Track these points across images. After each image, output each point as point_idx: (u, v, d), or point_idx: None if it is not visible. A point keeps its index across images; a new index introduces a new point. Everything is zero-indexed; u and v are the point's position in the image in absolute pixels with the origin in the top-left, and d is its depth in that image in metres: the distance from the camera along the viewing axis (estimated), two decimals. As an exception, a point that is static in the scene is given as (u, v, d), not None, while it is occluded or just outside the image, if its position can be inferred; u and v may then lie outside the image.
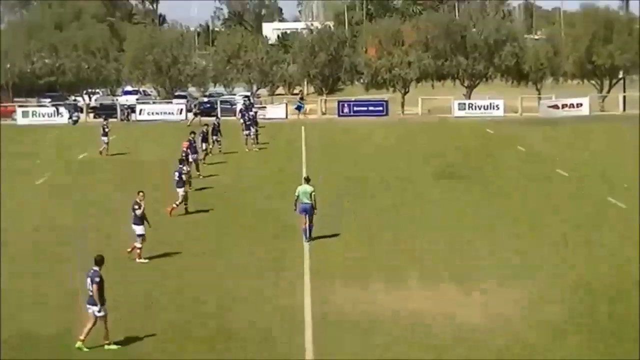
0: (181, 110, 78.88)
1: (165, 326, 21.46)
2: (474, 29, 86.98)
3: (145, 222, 28.28)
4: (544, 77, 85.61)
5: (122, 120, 77.68)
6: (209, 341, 20.51)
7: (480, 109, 77.53)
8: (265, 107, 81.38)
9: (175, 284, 25.40)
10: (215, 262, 27.87)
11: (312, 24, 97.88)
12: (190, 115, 72.49)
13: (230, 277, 25.88)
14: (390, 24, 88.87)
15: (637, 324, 21.03)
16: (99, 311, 20.00)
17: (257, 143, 55.63)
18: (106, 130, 53.83)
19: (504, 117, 75.49)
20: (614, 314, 22.14)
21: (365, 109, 79.05)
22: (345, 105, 79.34)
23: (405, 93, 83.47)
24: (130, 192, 30.78)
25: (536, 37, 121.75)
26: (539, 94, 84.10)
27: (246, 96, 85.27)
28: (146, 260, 27.86)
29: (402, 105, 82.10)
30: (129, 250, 28.24)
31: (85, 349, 19.99)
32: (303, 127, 67.50)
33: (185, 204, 35.34)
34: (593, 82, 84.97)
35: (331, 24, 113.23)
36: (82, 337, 20.03)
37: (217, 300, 23.64)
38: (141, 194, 28.71)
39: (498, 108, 77.35)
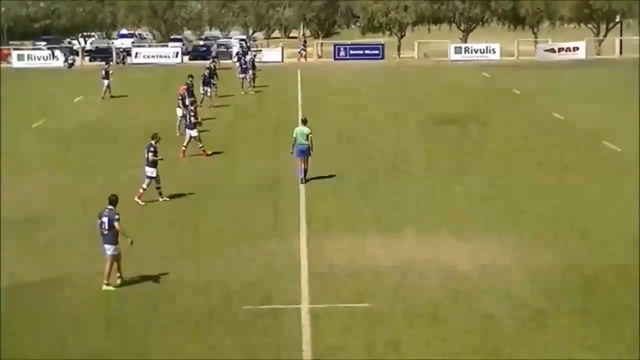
0: (177, 53, 78.51)
1: (160, 271, 21.44)
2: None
3: (156, 166, 28.13)
4: (541, 21, 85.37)
5: (117, 63, 77.24)
6: (203, 290, 20.48)
7: (476, 52, 77.28)
8: (261, 50, 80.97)
9: (175, 229, 25.39)
10: (213, 206, 27.88)
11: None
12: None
13: (226, 223, 25.87)
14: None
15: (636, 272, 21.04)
16: (115, 250, 20.22)
17: (254, 86, 55.40)
18: (109, 72, 53.77)
19: (500, 61, 75.24)
20: (613, 264, 22.07)
21: (361, 52, 78.73)
22: (342, 48, 79.02)
23: (402, 37, 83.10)
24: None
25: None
26: (536, 37, 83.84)
27: (242, 40, 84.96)
28: (143, 203, 27.84)
29: (399, 49, 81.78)
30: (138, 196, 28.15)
31: (112, 288, 20.28)
32: (299, 71, 67.24)
33: (201, 146, 35.20)
34: (590, 26, 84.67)
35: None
36: (105, 278, 20.26)
37: (210, 247, 23.62)
38: (157, 137, 28.55)
39: (494, 52, 77.08)
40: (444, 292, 20.02)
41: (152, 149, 28.13)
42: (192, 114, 35.65)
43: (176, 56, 77.93)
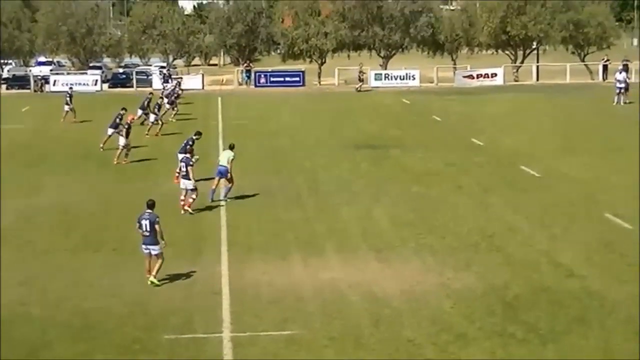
0: (96, 81, 77.72)
1: (80, 297, 21.09)
2: (391, 0, 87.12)
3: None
4: (459, 47, 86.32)
5: (35, 91, 76.34)
6: (124, 318, 20.16)
7: (396, 79, 77.80)
8: (181, 77, 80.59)
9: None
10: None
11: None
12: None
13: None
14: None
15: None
16: (160, 248, 22.12)
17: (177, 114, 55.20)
18: (71, 97, 54.83)
19: (420, 87, 75.86)
20: (533, 286, 22.25)
21: (282, 79, 78.86)
22: (262, 75, 79.08)
23: (322, 63, 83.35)
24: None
25: (452, 7, 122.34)
26: (455, 64, 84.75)
27: (162, 67, 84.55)
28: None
29: (319, 76, 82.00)
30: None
31: (157, 282, 22.12)
32: (220, 98, 67.05)
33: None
34: (507, 52, 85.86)
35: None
36: (153, 273, 22.23)
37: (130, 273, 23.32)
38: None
39: (414, 78, 77.70)
40: (367, 316, 19.96)
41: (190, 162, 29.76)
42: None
43: (95, 84, 77.15)
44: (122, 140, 39.94)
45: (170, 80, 66.14)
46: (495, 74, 78.69)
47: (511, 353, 17.74)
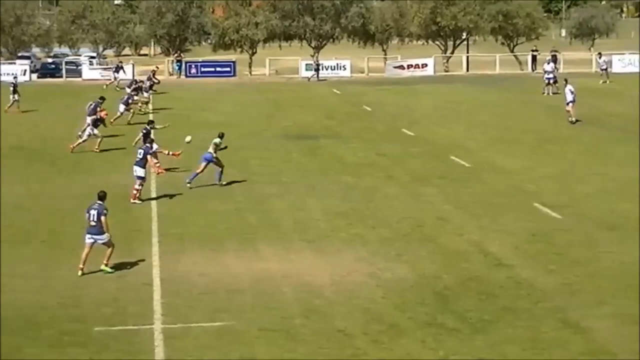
0: (25, 71, 76.64)
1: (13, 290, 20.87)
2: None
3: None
4: (390, 37, 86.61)
5: (-38, 81, 75.14)
6: (55, 311, 20.00)
7: (327, 69, 77.76)
8: (157, 67, 79.80)
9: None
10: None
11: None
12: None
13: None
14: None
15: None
16: (106, 238, 22.38)
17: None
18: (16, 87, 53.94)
19: (351, 78, 76.02)
20: (465, 276, 22.46)
21: (212, 69, 78.38)
22: (193, 66, 78.59)
23: (253, 54, 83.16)
24: None
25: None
26: (385, 54, 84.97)
27: (92, 57, 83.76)
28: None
29: (250, 66, 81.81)
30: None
31: (109, 270, 22.45)
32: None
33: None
34: (438, 43, 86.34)
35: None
36: (104, 261, 22.48)
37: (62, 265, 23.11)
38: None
39: (345, 69, 77.82)
40: (299, 307, 20.02)
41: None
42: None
43: (24, 74, 76.05)
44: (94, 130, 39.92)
45: (121, 71, 65.96)
46: (426, 65, 79.13)
47: (442, 342, 17.91)
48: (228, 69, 78.45)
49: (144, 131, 35.08)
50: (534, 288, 21.17)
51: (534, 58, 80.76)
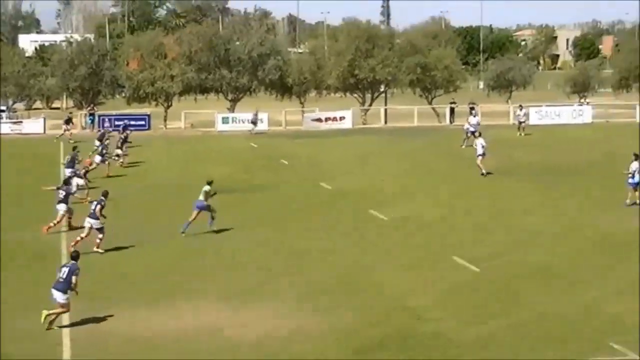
0: None
1: None
2: (238, 42, 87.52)
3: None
4: (308, 90, 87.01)
5: None
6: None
7: (244, 122, 77.77)
8: (21, 121, 79.08)
9: None
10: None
11: (71, 36, 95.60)
12: None
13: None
14: (153, 37, 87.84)
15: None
16: (65, 300, 22.49)
17: None
18: None
19: (268, 131, 76.12)
20: (383, 332, 22.48)
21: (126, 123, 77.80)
22: (106, 119, 77.90)
23: (169, 107, 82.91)
24: None
25: (300, 50, 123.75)
26: (303, 107, 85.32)
27: (1, 110, 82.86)
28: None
29: (165, 119, 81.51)
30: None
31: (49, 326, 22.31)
32: (62, 143, 65.90)
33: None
34: (356, 95, 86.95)
35: (92, 36, 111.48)
36: (48, 312, 22.44)
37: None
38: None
39: (262, 122, 77.85)
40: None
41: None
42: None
43: None
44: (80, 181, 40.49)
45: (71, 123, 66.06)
46: (344, 117, 79.60)
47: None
48: (142, 122, 78.04)
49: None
50: (453, 342, 21.29)
51: (452, 110, 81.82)
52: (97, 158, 48.86)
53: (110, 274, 27.94)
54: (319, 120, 79.06)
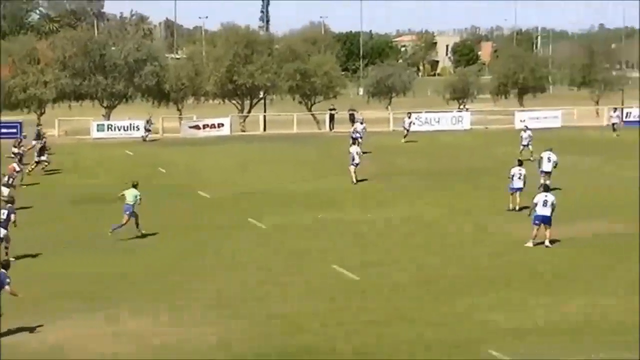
0: None
1: None
2: (114, 48, 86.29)
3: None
4: (185, 97, 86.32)
5: None
6: None
7: (120, 130, 76.82)
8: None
9: None
10: None
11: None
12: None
13: None
14: (25, 42, 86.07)
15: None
16: None
17: None
18: None
19: (146, 137, 75.30)
20: (262, 336, 22.29)
21: (-5, 131, 76.10)
22: (-24, 128, 76.01)
23: (42, 114, 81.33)
24: None
25: (178, 56, 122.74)
26: (180, 114, 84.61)
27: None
28: None
29: (38, 126, 79.86)
30: None
31: None
32: None
33: None
34: (234, 102, 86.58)
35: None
36: None
37: None
38: None
39: (139, 129, 76.97)
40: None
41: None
42: None
43: None
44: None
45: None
46: (222, 124, 79.20)
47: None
48: (14, 130, 76.28)
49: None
50: (334, 352, 21.24)
51: (331, 117, 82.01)
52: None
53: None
54: (197, 127, 78.52)
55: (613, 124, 73.09)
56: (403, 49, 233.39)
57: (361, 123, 64.43)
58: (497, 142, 66.11)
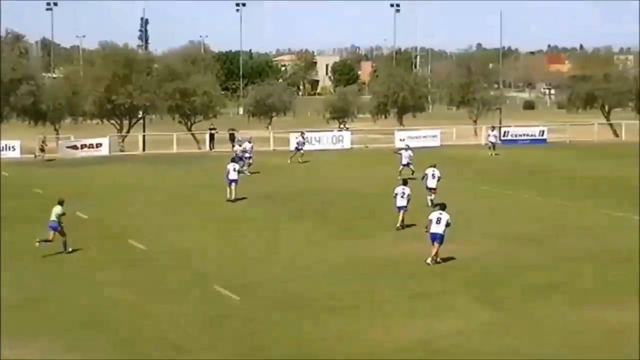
0: None
1: None
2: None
3: None
4: (63, 116, 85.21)
5: None
6: None
7: (-5, 150, 75.54)
8: None
9: None
10: None
11: None
12: None
13: None
14: None
15: None
16: None
17: None
18: None
19: (20, 159, 74.13)
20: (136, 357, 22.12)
21: None
22: None
23: None
24: None
25: (55, 75, 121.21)
26: (58, 134, 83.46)
27: None
28: None
29: None
30: None
31: None
32: None
33: None
34: (113, 121, 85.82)
35: None
36: None
37: None
38: None
39: (14, 149, 75.74)
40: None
41: None
42: None
43: None
44: None
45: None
46: (101, 144, 78.51)
47: None
48: None
49: None
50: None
51: (211, 136, 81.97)
52: None
53: None
54: (75, 147, 77.69)
55: (491, 143, 74.55)
56: (283, 68, 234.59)
57: (249, 142, 64.34)
58: (377, 161, 66.85)
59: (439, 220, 32.15)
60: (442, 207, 33.27)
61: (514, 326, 24.60)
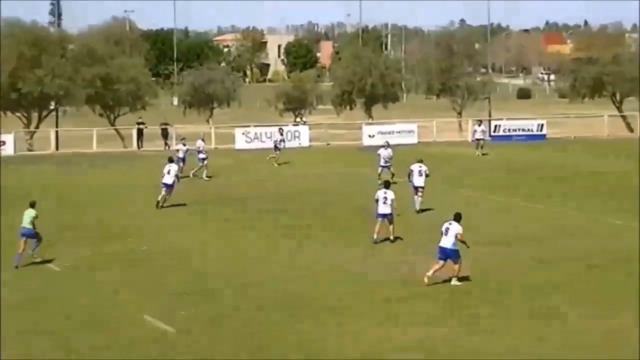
0: None
1: None
2: None
3: None
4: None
5: None
6: None
7: None
8: None
9: None
10: None
11: None
12: None
13: None
14: None
15: None
16: None
17: None
18: None
19: None
20: None
21: None
22: None
23: None
24: None
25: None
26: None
27: None
28: None
29: None
30: None
31: None
32: None
33: None
34: (19, 114, 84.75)
35: None
36: None
37: None
38: None
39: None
40: None
41: None
42: None
43: None
44: None
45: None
46: (4, 142, 77.82)
47: None
48: None
49: None
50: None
51: (140, 132, 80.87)
52: None
53: None
54: (-26, 146, 77.15)
55: (478, 140, 73.17)
56: (226, 49, 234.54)
57: (202, 140, 63.63)
58: (340, 161, 66.95)
59: (447, 231, 31.06)
60: (456, 217, 31.55)
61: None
